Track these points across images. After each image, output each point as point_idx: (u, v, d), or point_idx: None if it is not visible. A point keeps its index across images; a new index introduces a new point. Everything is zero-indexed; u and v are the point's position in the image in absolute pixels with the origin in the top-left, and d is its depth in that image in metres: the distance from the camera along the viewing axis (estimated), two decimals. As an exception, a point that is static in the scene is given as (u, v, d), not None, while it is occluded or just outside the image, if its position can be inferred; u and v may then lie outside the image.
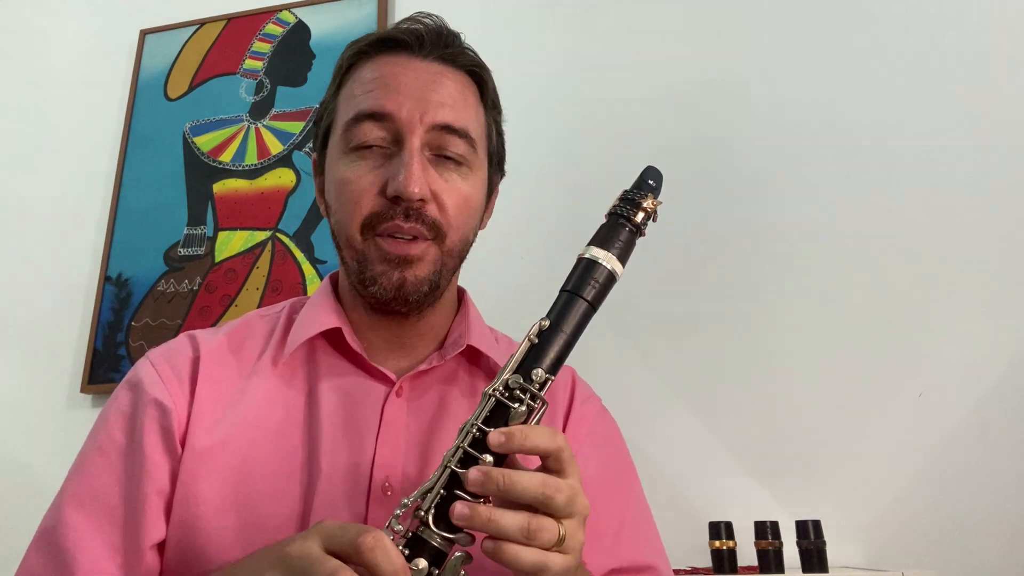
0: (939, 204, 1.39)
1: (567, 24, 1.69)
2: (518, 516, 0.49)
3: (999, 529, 1.22)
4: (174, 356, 0.72)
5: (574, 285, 0.55)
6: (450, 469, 0.51)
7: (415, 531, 0.50)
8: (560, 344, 0.53)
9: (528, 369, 0.52)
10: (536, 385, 0.52)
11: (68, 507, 0.65)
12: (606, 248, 0.55)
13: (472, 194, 0.74)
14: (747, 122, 1.53)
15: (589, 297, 0.54)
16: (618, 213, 0.57)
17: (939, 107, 1.44)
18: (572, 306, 0.54)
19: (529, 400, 0.52)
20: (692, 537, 1.25)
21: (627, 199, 0.57)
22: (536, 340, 0.53)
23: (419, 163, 0.69)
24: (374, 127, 0.70)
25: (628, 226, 0.56)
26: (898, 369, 1.33)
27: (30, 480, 1.60)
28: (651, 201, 0.57)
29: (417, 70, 0.72)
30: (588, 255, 0.56)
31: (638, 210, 0.57)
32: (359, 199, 0.70)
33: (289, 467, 0.67)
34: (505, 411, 0.51)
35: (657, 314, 1.45)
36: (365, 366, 0.73)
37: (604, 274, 0.55)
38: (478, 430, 0.51)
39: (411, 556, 0.49)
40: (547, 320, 0.54)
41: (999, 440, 1.26)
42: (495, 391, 0.53)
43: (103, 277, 1.75)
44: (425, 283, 0.70)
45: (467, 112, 0.74)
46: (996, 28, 1.45)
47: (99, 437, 0.68)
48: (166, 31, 1.95)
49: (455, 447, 0.52)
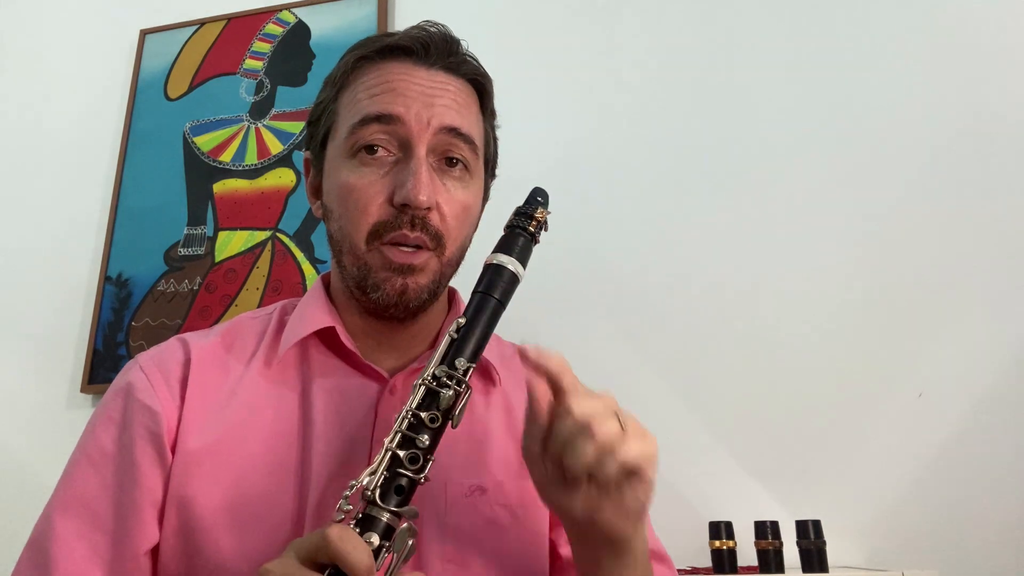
0: (939, 204, 1.39)
1: (571, 21, 1.69)
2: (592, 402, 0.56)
3: (999, 529, 1.22)
4: (164, 360, 0.71)
5: (484, 286, 0.63)
6: (391, 451, 0.56)
7: (364, 511, 0.54)
8: (477, 337, 0.61)
9: (452, 360, 0.60)
10: (460, 372, 0.59)
11: (55, 514, 0.65)
12: (509, 254, 0.64)
13: (471, 202, 0.74)
14: (748, 118, 1.53)
15: (497, 295, 0.63)
16: (515, 225, 0.66)
17: (938, 107, 1.44)
18: (484, 304, 0.62)
19: (455, 386, 0.58)
20: (692, 537, 1.25)
21: (521, 213, 0.67)
22: (456, 335, 0.61)
23: (427, 171, 0.70)
24: (381, 131, 0.70)
25: (524, 235, 0.66)
26: (898, 369, 1.33)
27: (30, 480, 1.60)
28: (541, 212, 0.67)
29: (423, 78, 0.73)
30: (495, 261, 0.64)
31: (531, 221, 0.66)
32: (366, 207, 0.70)
33: (283, 466, 0.67)
34: (435, 396, 0.58)
35: (657, 314, 1.45)
36: (358, 365, 0.73)
37: (508, 275, 0.64)
38: (413, 415, 0.57)
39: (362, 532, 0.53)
40: (463, 318, 0.61)
41: (999, 440, 1.26)
42: (424, 380, 0.58)
43: (103, 277, 1.75)
44: (425, 291, 0.71)
45: (471, 119, 0.75)
46: (995, 27, 1.45)
47: (88, 444, 0.68)
48: (166, 31, 1.95)
49: (394, 431, 0.57)
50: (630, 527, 0.58)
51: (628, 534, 0.58)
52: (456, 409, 0.58)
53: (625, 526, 0.58)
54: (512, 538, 0.69)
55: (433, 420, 0.57)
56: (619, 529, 0.57)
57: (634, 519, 0.58)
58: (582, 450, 0.53)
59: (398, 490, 0.55)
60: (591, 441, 0.53)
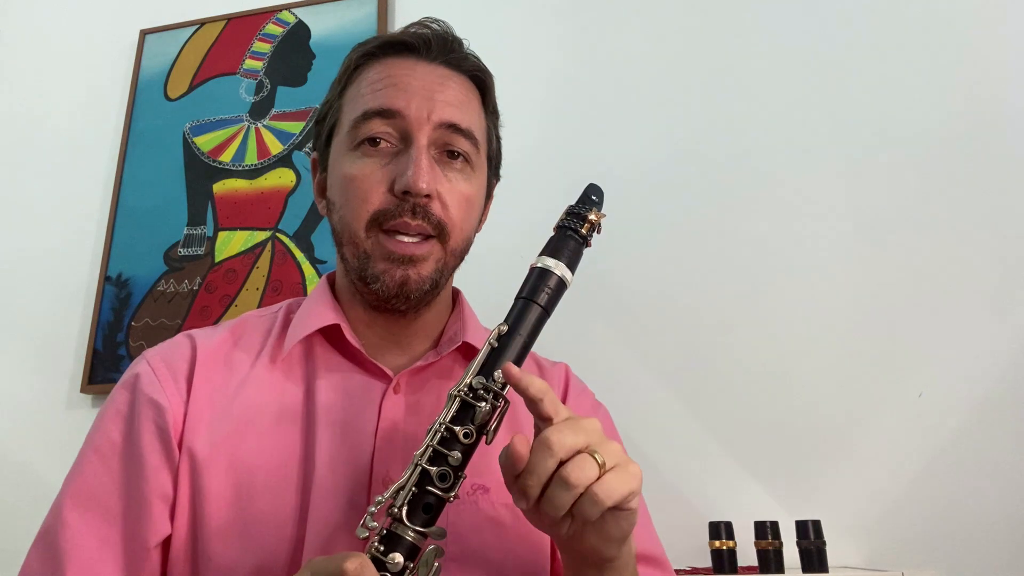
0: (939, 204, 1.39)
1: (567, 23, 1.69)
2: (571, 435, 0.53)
3: (999, 529, 1.22)
4: (171, 355, 0.72)
5: (528, 292, 0.59)
6: (420, 467, 0.54)
7: (389, 528, 0.53)
8: (518, 346, 0.58)
9: (490, 371, 0.56)
10: (498, 385, 0.56)
11: (65, 507, 0.65)
12: (556, 257, 0.60)
13: (473, 194, 0.75)
14: (749, 121, 1.53)
15: (542, 302, 0.59)
16: (566, 226, 0.62)
17: (938, 107, 1.44)
18: (527, 311, 0.59)
19: (492, 399, 0.55)
20: (692, 537, 1.25)
21: (573, 213, 0.62)
22: (496, 344, 0.57)
23: (427, 160, 0.70)
24: (382, 124, 0.71)
25: (575, 237, 0.62)
26: (898, 369, 1.33)
27: (30, 480, 1.60)
28: (595, 214, 0.62)
29: (424, 72, 0.74)
30: (540, 264, 0.60)
31: (584, 222, 0.62)
32: (367, 195, 0.70)
33: (288, 462, 0.68)
34: (471, 410, 0.55)
35: (657, 314, 1.45)
36: (363, 363, 0.73)
37: (555, 281, 0.60)
38: (446, 429, 0.54)
39: (386, 551, 0.51)
40: (505, 325, 0.58)
41: (999, 440, 1.26)
42: (460, 392, 0.56)
43: (103, 277, 1.75)
44: (427, 281, 0.71)
45: (471, 114, 0.75)
46: (996, 27, 1.45)
47: (96, 438, 0.69)
48: (166, 31, 1.95)
49: (425, 446, 0.55)
50: (614, 549, 0.58)
51: (612, 555, 0.58)
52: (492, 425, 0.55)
53: (609, 549, 0.57)
54: (514, 536, 0.69)
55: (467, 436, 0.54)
56: (602, 553, 0.57)
57: (618, 543, 0.57)
58: (559, 502, 0.52)
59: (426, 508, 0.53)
60: (567, 492, 0.51)
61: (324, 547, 0.63)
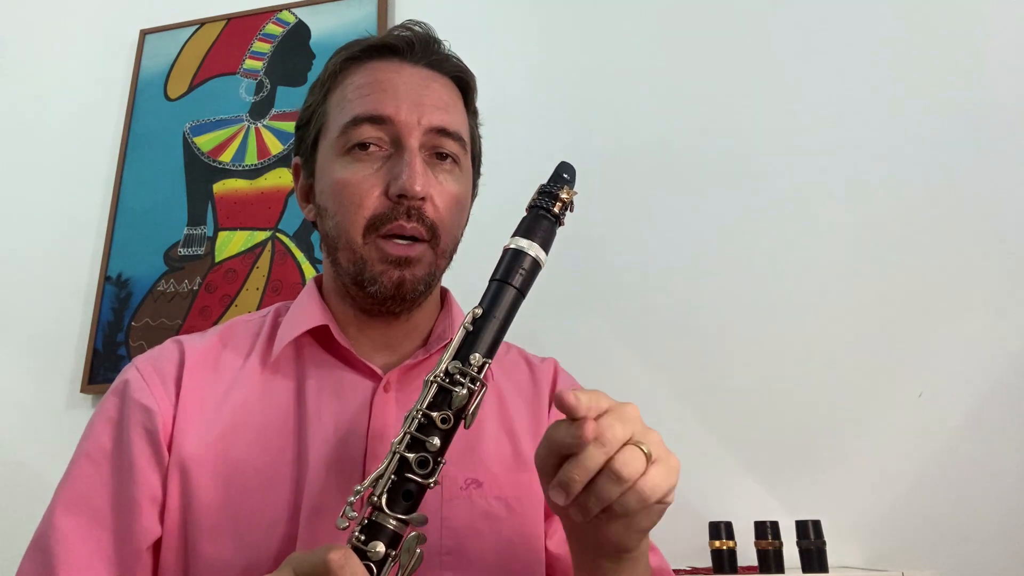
0: (939, 204, 1.39)
1: (557, 23, 1.69)
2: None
3: (999, 529, 1.22)
4: (160, 361, 0.72)
5: (502, 274, 0.58)
6: (399, 454, 0.53)
7: (370, 517, 0.52)
8: (494, 329, 0.56)
9: (466, 355, 0.55)
10: (475, 369, 0.55)
11: (57, 513, 0.65)
12: (530, 238, 0.59)
13: (462, 194, 0.76)
14: (749, 119, 1.53)
15: (517, 284, 0.57)
16: (538, 206, 0.60)
17: (938, 107, 1.44)
18: (502, 293, 0.57)
19: (469, 383, 0.54)
20: (692, 537, 1.25)
21: (545, 192, 0.61)
22: (471, 327, 0.56)
23: (421, 163, 0.71)
24: (373, 129, 0.72)
25: (548, 217, 0.60)
26: (898, 369, 1.33)
27: (30, 480, 1.60)
28: (567, 192, 0.60)
29: (409, 75, 0.75)
30: (514, 245, 0.59)
31: (556, 201, 0.60)
32: (362, 200, 0.71)
33: (279, 461, 0.68)
34: (448, 395, 0.54)
35: (657, 314, 1.45)
36: (352, 362, 0.74)
37: (529, 262, 0.58)
38: (423, 415, 0.53)
39: (367, 540, 0.51)
40: (480, 308, 0.57)
41: (999, 440, 1.26)
42: (436, 377, 0.55)
43: (103, 277, 1.75)
44: (421, 283, 0.72)
45: (457, 116, 0.76)
46: (996, 26, 1.45)
47: (87, 444, 0.69)
48: (166, 31, 1.95)
49: (402, 433, 0.54)
50: (636, 541, 0.57)
51: (632, 546, 0.57)
52: (470, 409, 0.55)
53: (631, 540, 0.56)
54: (508, 530, 0.70)
55: (445, 421, 0.53)
56: (624, 543, 0.56)
57: (641, 535, 0.56)
58: (605, 495, 0.50)
59: (406, 496, 0.52)
60: (616, 486, 0.50)
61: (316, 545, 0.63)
